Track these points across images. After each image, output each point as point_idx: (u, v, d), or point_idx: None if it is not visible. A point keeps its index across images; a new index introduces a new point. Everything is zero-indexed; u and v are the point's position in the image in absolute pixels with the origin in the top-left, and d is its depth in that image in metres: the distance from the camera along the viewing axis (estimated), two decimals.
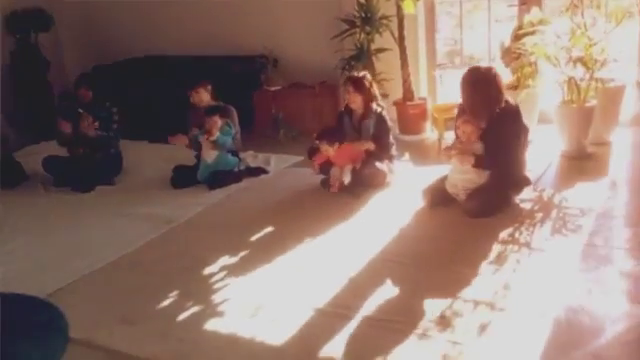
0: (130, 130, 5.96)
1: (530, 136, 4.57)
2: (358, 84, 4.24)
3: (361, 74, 4.35)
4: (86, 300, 3.03)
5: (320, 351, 2.47)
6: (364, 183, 4.15)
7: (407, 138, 5.34)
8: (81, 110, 4.68)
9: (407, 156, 4.94)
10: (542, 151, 4.66)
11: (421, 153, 4.95)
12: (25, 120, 6.72)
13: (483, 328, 2.53)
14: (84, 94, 4.83)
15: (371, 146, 4.22)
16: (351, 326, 2.63)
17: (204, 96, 4.68)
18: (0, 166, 4.86)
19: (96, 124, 4.67)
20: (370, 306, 2.77)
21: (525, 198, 3.80)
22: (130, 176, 4.91)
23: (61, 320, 2.78)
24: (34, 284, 3.17)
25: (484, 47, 5.60)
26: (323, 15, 5.73)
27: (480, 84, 3.72)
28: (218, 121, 4.43)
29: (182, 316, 2.81)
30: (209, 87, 4.71)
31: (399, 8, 5.14)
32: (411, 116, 5.33)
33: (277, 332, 2.62)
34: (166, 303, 2.94)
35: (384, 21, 5.34)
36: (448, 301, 2.74)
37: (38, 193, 4.71)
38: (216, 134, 4.44)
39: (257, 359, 2.47)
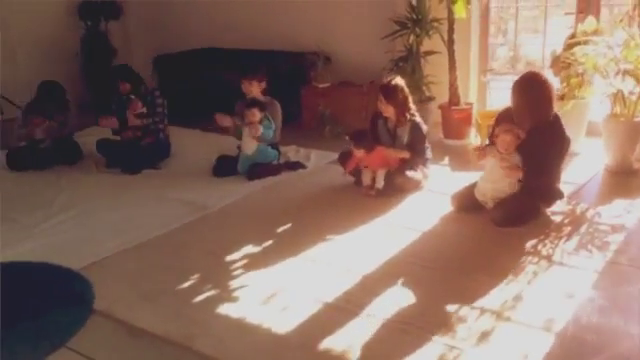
0: (185, 118, 6.24)
1: (575, 148, 4.49)
2: (390, 95, 4.18)
3: (393, 83, 4.23)
4: (114, 275, 3.22)
5: (322, 343, 2.55)
6: (396, 189, 4.17)
7: (450, 142, 5.31)
8: (132, 96, 4.93)
9: (446, 160, 4.92)
10: (586, 164, 4.55)
11: (461, 158, 4.91)
12: (89, 103, 7.13)
13: (484, 336, 2.54)
14: (122, 87, 5.05)
15: (406, 155, 4.21)
16: (356, 322, 2.69)
17: (254, 88, 4.80)
18: (60, 145, 5.20)
19: (144, 109, 4.91)
20: (378, 305, 2.82)
21: (557, 210, 3.74)
22: (176, 162, 5.13)
23: (88, 292, 3.01)
24: (72, 256, 3.41)
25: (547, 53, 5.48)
26: (376, 15, 5.78)
27: (527, 89, 3.67)
28: (257, 114, 4.56)
29: (198, 298, 2.95)
30: (263, 83, 4.82)
31: (450, 11, 5.12)
32: (455, 121, 5.30)
33: (284, 321, 2.71)
34: (186, 284, 3.09)
35: (435, 24, 5.33)
36: (455, 306, 2.76)
37: (90, 172, 5.01)
38: (260, 128, 4.57)
39: (260, 345, 2.57)
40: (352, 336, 2.59)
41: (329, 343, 2.54)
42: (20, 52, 7.02)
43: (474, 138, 5.29)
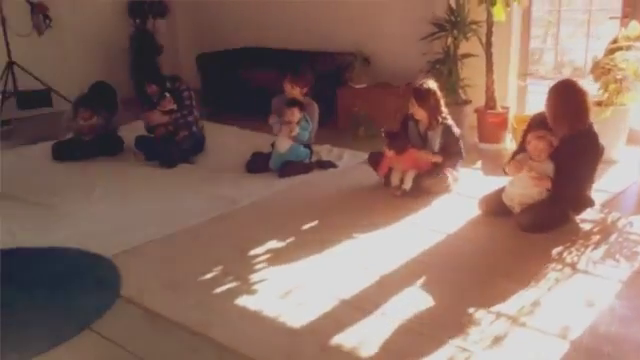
0: (224, 115, 6.39)
1: (613, 156, 4.39)
2: (422, 98, 4.17)
3: (425, 86, 4.20)
4: (142, 264, 3.34)
5: (334, 339, 2.58)
6: (424, 191, 4.17)
7: (484, 146, 5.26)
8: (167, 94, 5.08)
9: (479, 164, 4.88)
10: (624, 172, 4.43)
11: (494, 163, 4.84)
12: (135, 98, 7.36)
13: (497, 340, 2.53)
14: (149, 89, 5.19)
15: (439, 159, 4.20)
16: (370, 320, 2.72)
17: (296, 91, 4.87)
18: (103, 138, 5.41)
19: (174, 106, 5.05)
20: (394, 304, 2.83)
21: (587, 218, 3.67)
22: (211, 157, 5.26)
23: (116, 279, 3.14)
24: (104, 244, 3.55)
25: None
26: (415, 17, 5.78)
27: (562, 96, 3.62)
28: (296, 114, 4.63)
29: (219, 289, 3.03)
30: (305, 89, 4.88)
31: (489, 14, 5.06)
32: (491, 125, 5.24)
33: (299, 316, 2.76)
34: (209, 276, 3.18)
35: (473, 26, 5.29)
36: (471, 309, 2.75)
37: (130, 164, 5.18)
38: (296, 129, 4.63)
39: (273, 337, 2.63)
40: (365, 334, 2.62)
41: (342, 339, 2.58)
42: (72, 48, 7.33)
43: (509, 143, 5.22)
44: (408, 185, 4.18)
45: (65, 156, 5.30)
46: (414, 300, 2.87)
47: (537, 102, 5.35)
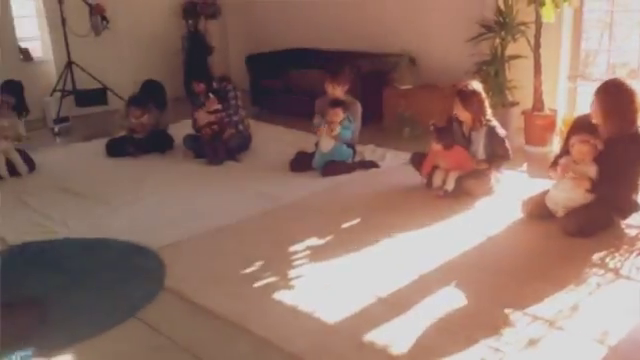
0: (270, 115, 6.50)
1: None
2: (466, 99, 4.15)
3: (470, 88, 4.18)
4: (186, 257, 3.46)
5: (368, 335, 2.62)
6: (466, 192, 4.15)
7: (531, 149, 5.18)
8: (211, 95, 5.22)
9: (524, 167, 4.82)
10: None
11: (540, 165, 4.76)
12: (186, 97, 7.58)
13: (532, 343, 2.51)
14: (197, 87, 5.35)
15: (484, 166, 4.18)
16: (405, 319, 2.74)
17: (338, 91, 4.93)
18: (154, 136, 5.60)
19: (219, 106, 5.18)
20: (430, 304, 2.85)
21: (633, 224, 3.58)
22: (257, 156, 5.38)
23: (160, 270, 3.27)
24: (152, 236, 3.70)
25: None
26: (462, 18, 5.75)
27: (610, 96, 3.55)
28: (340, 114, 4.69)
29: (258, 283, 3.12)
30: (346, 87, 4.94)
31: (538, 15, 4.99)
32: (538, 127, 5.16)
33: (335, 312, 2.81)
34: (249, 270, 3.27)
35: (522, 27, 5.22)
36: (508, 311, 2.74)
37: (179, 161, 5.36)
38: (337, 129, 4.69)
39: (310, 331, 2.69)
40: (399, 331, 2.65)
41: (375, 336, 2.62)
42: (127, 48, 7.60)
43: (557, 145, 5.12)
44: (450, 186, 4.17)
45: (118, 153, 5.52)
46: (450, 300, 2.88)
47: (588, 105, 5.25)
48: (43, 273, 3.30)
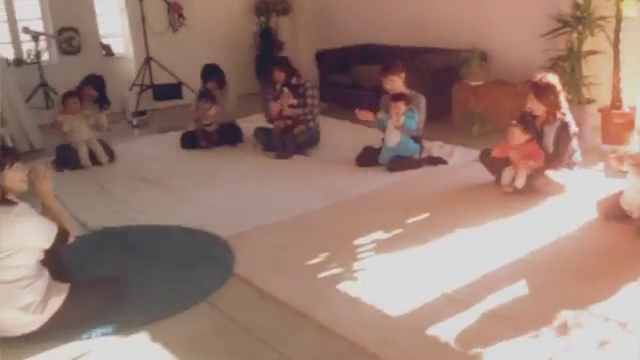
0: (338, 110, 6.56)
1: None
2: (541, 93, 4.05)
3: (545, 81, 4.08)
4: (254, 246, 3.57)
5: (431, 329, 2.63)
6: (536, 190, 4.06)
7: (608, 148, 4.98)
8: (285, 88, 5.31)
9: (600, 166, 4.64)
10: None
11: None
12: (258, 93, 7.76)
13: (602, 344, 2.45)
14: (277, 75, 5.42)
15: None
16: (469, 315, 2.73)
17: (397, 84, 4.89)
18: (225, 129, 5.77)
19: (294, 101, 5.26)
20: (495, 300, 2.83)
21: None
22: (324, 150, 5.45)
23: (229, 257, 3.39)
24: (221, 225, 3.84)
25: None
26: (536, 12, 5.60)
27: None
28: (401, 107, 4.68)
29: (323, 274, 3.18)
30: (402, 74, 4.91)
31: (619, 9, 4.80)
32: (616, 125, 4.96)
33: (398, 305, 2.83)
34: (314, 261, 3.34)
35: (600, 22, 5.03)
36: (576, 311, 2.68)
37: (248, 153, 5.51)
38: (402, 118, 4.69)
39: (372, 322, 2.72)
40: (462, 327, 2.64)
41: (438, 330, 2.62)
42: (201, 45, 7.83)
43: (636, 145, 4.91)
44: (521, 183, 4.09)
45: (191, 145, 5.73)
46: (517, 298, 2.85)
47: None
48: (121, 256, 3.50)
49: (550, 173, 4.04)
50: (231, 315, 2.85)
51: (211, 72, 5.87)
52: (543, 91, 4.08)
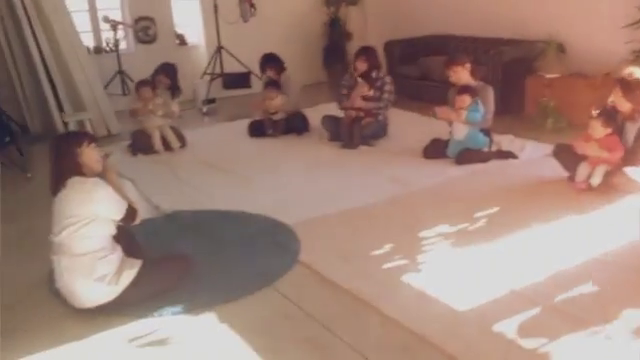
0: (406, 102, 6.49)
1: None
2: (628, 89, 3.86)
3: (634, 77, 3.86)
4: (319, 234, 3.59)
5: (498, 325, 2.58)
6: (613, 188, 3.89)
7: None
8: (360, 79, 5.29)
9: None
10: None
11: None
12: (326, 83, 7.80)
13: None
14: (360, 65, 5.38)
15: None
16: (538, 313, 2.66)
17: (462, 75, 4.76)
18: (292, 118, 5.82)
19: (369, 93, 5.24)
20: (566, 299, 2.74)
21: None
22: (391, 141, 5.41)
23: (295, 245, 3.44)
24: (287, 213, 3.89)
25: None
26: (618, 1, 5.35)
27: None
28: (467, 100, 4.57)
29: (388, 264, 3.17)
30: (467, 65, 4.77)
31: None
32: None
33: (464, 299, 2.79)
34: (379, 251, 3.33)
35: None
36: None
37: (314, 142, 5.55)
38: (464, 113, 4.59)
39: (438, 316, 2.69)
40: (531, 325, 2.57)
41: (505, 327, 2.56)
42: (271, 34, 7.91)
43: None
44: (596, 180, 3.94)
45: (258, 133, 5.82)
46: (588, 298, 2.75)
47: None
48: (191, 239, 3.60)
49: (629, 170, 3.86)
50: (295, 301, 2.89)
51: (268, 60, 5.93)
52: (631, 88, 3.89)
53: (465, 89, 4.63)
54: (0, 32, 6.10)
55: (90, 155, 2.87)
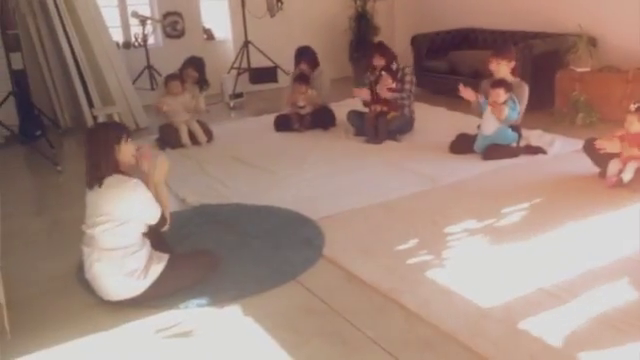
0: (433, 96, 6.43)
1: None
2: None
3: None
4: (344, 229, 3.59)
5: (523, 322, 2.54)
6: None
7: None
8: (384, 72, 5.26)
9: None
10: None
11: None
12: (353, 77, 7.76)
13: None
14: (377, 61, 5.34)
15: None
16: (565, 310, 2.62)
17: (503, 69, 4.70)
18: (318, 112, 5.81)
19: (393, 85, 5.20)
20: (596, 299, 2.68)
21: None
22: (417, 136, 5.38)
23: (319, 239, 3.44)
24: (312, 207, 3.89)
25: None
26: None
27: None
28: (502, 95, 4.50)
29: (412, 260, 3.15)
30: (512, 63, 4.70)
31: None
32: None
33: (490, 296, 2.75)
34: (404, 246, 3.31)
35: None
36: None
37: (339, 137, 5.54)
38: (504, 113, 4.50)
39: (460, 311, 2.66)
40: (557, 323, 2.53)
41: (531, 324, 2.53)
42: (298, 29, 7.93)
43: None
44: (628, 176, 3.85)
45: (284, 127, 5.83)
46: (620, 298, 2.69)
47: None
48: (217, 232, 3.63)
49: None
50: (319, 295, 2.89)
51: (303, 53, 5.93)
52: None
53: (500, 83, 4.56)
54: (32, 28, 6.23)
55: (126, 152, 2.89)
